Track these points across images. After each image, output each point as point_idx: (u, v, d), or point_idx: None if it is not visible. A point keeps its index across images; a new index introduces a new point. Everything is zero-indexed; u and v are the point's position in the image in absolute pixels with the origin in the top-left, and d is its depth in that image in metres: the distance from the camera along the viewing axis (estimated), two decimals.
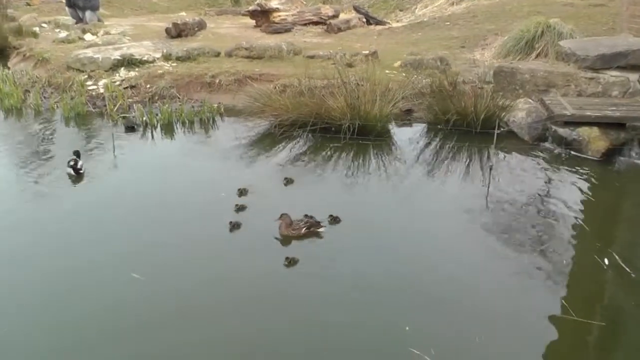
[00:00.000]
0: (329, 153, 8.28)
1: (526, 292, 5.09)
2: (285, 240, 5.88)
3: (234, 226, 6.06)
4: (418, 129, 9.24)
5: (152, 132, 9.58)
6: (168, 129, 9.72)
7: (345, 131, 8.58)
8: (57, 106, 10.93)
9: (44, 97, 11.56)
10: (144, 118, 9.92)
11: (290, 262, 5.39)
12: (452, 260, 5.59)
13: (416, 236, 6.09)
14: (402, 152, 8.30)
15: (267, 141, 8.88)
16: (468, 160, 7.98)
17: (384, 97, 8.89)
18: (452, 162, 7.92)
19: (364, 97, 8.71)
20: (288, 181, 7.19)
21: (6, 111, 10.98)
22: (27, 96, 11.55)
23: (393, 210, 6.62)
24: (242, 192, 6.81)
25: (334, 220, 6.19)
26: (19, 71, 13.53)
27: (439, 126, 9.04)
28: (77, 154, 7.68)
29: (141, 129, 9.67)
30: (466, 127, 8.79)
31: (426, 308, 4.89)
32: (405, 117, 9.55)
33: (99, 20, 18.19)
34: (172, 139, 9.41)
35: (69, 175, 7.53)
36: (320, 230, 5.96)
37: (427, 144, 8.60)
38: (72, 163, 7.54)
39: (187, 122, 9.94)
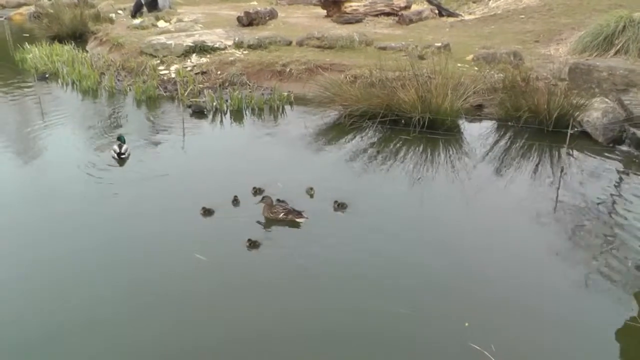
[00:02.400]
0: (397, 146, 8.27)
1: (591, 295, 4.99)
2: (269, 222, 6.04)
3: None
4: (488, 125, 9.10)
5: (221, 118, 9.83)
6: (237, 115, 9.93)
7: (415, 124, 8.56)
8: (129, 89, 11.40)
9: (118, 80, 12.09)
10: (214, 103, 10.19)
11: (252, 244, 5.53)
12: (516, 258, 5.52)
13: (481, 233, 6.02)
14: (471, 148, 8.20)
15: (335, 131, 8.94)
16: (538, 160, 7.80)
17: (455, 91, 8.81)
18: (522, 161, 7.77)
19: (435, 91, 8.63)
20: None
21: (83, 92, 11.57)
22: (102, 78, 12.16)
23: (459, 207, 6.57)
24: (257, 192, 6.69)
25: (340, 206, 6.29)
26: (96, 55, 14.19)
27: (509, 123, 8.88)
28: (121, 139, 7.91)
29: (211, 114, 9.93)
30: (538, 126, 8.57)
31: (487, 305, 4.86)
32: (476, 113, 9.42)
33: (170, 7, 18.63)
34: (240, 125, 9.61)
35: (113, 158, 7.76)
36: (300, 220, 6.02)
37: (497, 141, 8.46)
38: (116, 148, 7.78)
39: (256, 109, 10.13)
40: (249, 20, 15.46)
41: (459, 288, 5.07)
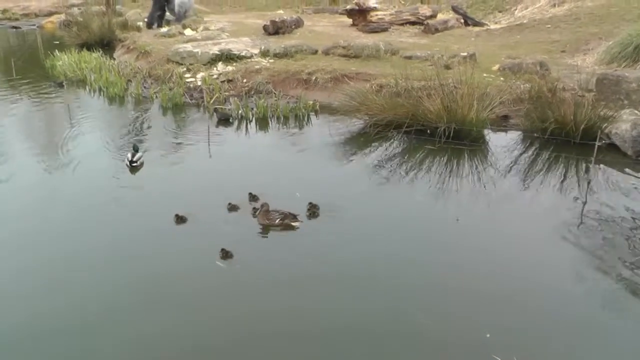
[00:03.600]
0: (422, 156, 8.27)
1: (616, 311, 4.92)
2: (266, 229, 6.13)
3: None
4: (514, 136, 9.02)
5: (246, 125, 9.93)
6: (263, 123, 10.02)
7: (440, 134, 8.53)
8: (156, 96, 11.59)
9: (145, 87, 12.33)
10: (240, 111, 10.30)
11: (225, 254, 5.59)
12: (539, 271, 5.49)
13: (503, 245, 5.99)
14: (496, 159, 8.15)
15: (360, 140, 8.98)
16: (564, 172, 7.69)
17: (481, 101, 8.75)
18: (548, 173, 7.67)
19: (461, 101, 8.59)
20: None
21: (110, 98, 11.82)
22: (129, 85, 12.43)
23: (483, 218, 6.55)
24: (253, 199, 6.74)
25: (313, 209, 6.38)
26: (123, 62, 14.48)
27: (535, 134, 8.78)
28: (135, 147, 8.05)
29: (236, 121, 10.04)
30: (564, 137, 8.46)
31: (508, 316, 4.84)
32: (501, 123, 9.36)
33: (196, 15, 18.71)
34: (265, 133, 9.69)
35: (126, 166, 7.90)
36: (295, 224, 6.12)
37: (522, 153, 8.38)
38: (129, 155, 7.92)
39: (281, 117, 10.22)
40: (275, 29, 15.57)
41: (479, 299, 5.06)
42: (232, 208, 6.52)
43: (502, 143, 8.74)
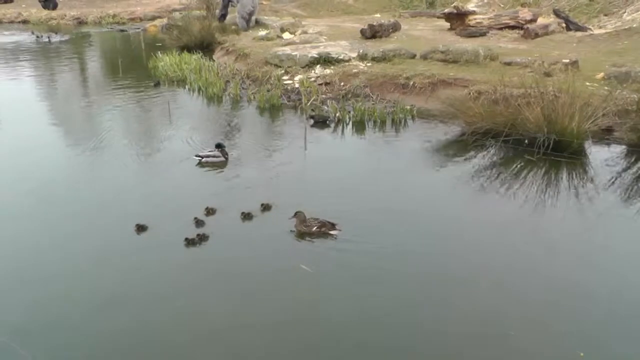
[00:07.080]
0: (518, 167, 8.17)
1: None
2: (300, 236, 6.24)
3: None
4: (617, 150, 8.68)
5: (343, 128, 10.12)
6: (359, 127, 10.19)
7: (539, 145, 8.38)
8: (253, 97, 12.02)
9: (242, 88, 12.82)
10: (337, 114, 10.50)
11: (189, 242, 6.03)
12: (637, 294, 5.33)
13: (600, 267, 5.78)
14: (597, 174, 7.86)
15: (456, 148, 8.99)
16: None
17: (583, 111, 8.45)
18: None
19: (561, 110, 8.38)
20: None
21: (209, 98, 12.40)
22: (227, 86, 12.96)
23: (578, 239, 6.35)
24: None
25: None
26: (222, 64, 15.13)
27: None
28: (217, 145, 8.46)
29: (333, 124, 10.25)
30: None
31: (606, 336, 4.75)
32: (604, 136, 9.00)
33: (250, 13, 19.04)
34: (361, 137, 9.85)
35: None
36: (333, 232, 6.20)
37: (626, 169, 8.05)
38: (205, 150, 8.43)
39: (378, 121, 10.35)
40: (372, 33, 15.68)
41: (574, 316, 5.01)
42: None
43: (604, 157, 8.44)
